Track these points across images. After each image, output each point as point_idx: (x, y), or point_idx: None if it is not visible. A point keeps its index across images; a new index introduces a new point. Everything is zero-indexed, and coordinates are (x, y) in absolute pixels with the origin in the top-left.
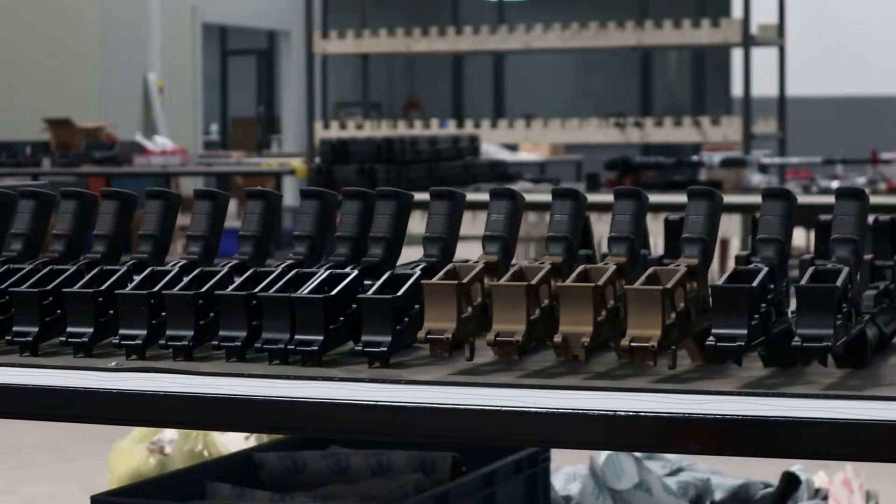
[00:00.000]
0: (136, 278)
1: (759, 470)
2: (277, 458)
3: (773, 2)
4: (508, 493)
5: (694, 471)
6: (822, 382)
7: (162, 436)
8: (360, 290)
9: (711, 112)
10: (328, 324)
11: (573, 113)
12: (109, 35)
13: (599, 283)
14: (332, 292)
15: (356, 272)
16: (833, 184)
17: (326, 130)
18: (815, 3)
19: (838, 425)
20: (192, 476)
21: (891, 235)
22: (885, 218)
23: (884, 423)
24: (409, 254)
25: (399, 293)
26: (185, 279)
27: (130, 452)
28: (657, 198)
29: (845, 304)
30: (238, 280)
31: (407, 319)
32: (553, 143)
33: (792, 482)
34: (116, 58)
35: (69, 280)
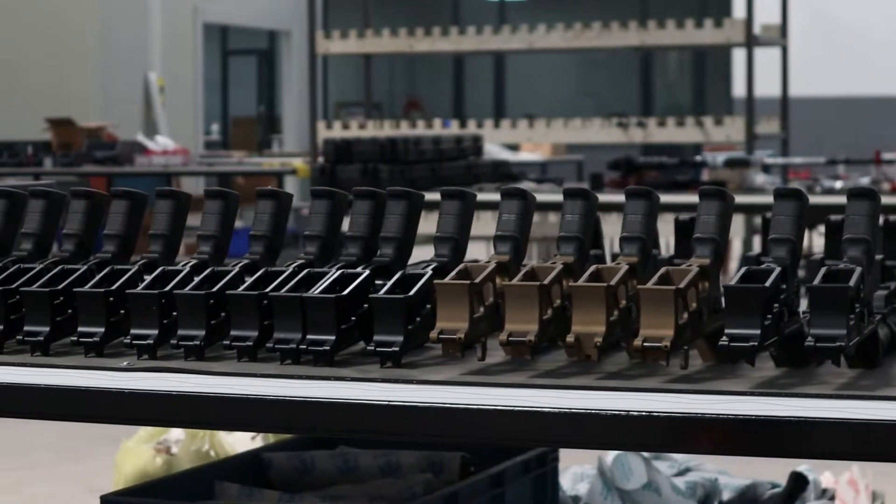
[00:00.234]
0: (147, 278)
1: (767, 470)
2: (286, 457)
3: (776, 2)
4: (517, 493)
5: (702, 471)
6: (835, 383)
7: (168, 435)
8: (372, 289)
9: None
10: (340, 324)
11: (574, 113)
12: (110, 35)
13: (612, 283)
14: (344, 292)
15: (368, 272)
16: (837, 184)
17: (329, 130)
18: (817, 3)
19: (851, 425)
20: (201, 476)
21: None
22: (895, 218)
23: None
24: (418, 254)
25: (411, 293)
26: (197, 279)
27: (137, 452)
28: (661, 198)
29: (858, 305)
30: (249, 280)
31: (418, 319)
32: (555, 143)
33: (800, 482)
34: (117, 57)
35: (80, 280)
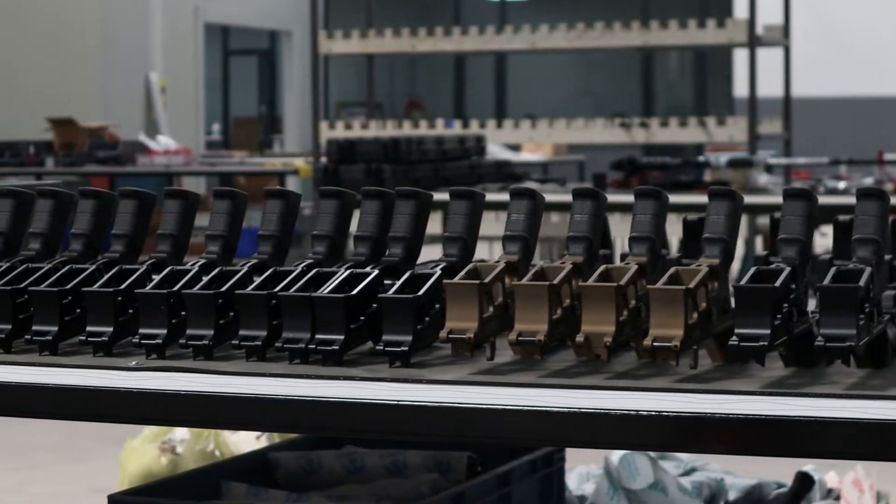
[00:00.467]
0: (156, 277)
1: (772, 470)
2: (293, 457)
3: (778, 2)
4: (523, 492)
5: (707, 471)
6: (844, 382)
7: (173, 435)
8: (381, 289)
9: (713, 112)
10: (349, 323)
11: (574, 113)
12: (111, 35)
13: (622, 283)
14: (353, 292)
15: (376, 272)
16: (840, 185)
17: (332, 130)
18: (819, 3)
19: (861, 425)
20: (208, 475)
21: None
22: None
23: None
24: (425, 253)
25: (420, 293)
26: (205, 278)
27: (142, 452)
28: None
29: (868, 305)
30: (258, 279)
31: (428, 319)
32: (557, 143)
33: (805, 482)
34: (118, 57)
35: (88, 279)
